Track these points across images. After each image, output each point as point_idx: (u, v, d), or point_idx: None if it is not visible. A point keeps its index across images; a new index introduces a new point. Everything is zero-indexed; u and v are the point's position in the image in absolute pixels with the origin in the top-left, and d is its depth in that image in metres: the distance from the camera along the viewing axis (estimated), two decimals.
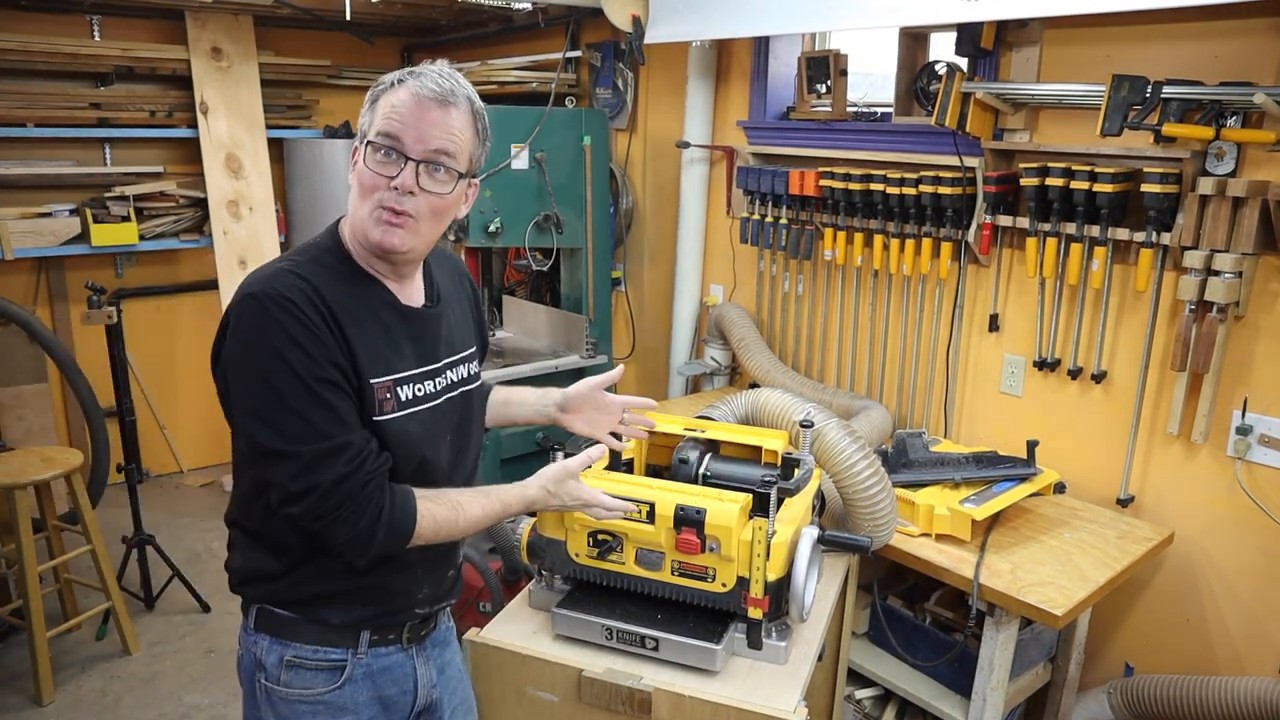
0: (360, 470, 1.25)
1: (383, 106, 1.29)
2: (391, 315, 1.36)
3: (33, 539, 2.85)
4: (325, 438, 1.23)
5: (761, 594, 1.48)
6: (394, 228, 1.29)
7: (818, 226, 2.99)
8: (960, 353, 2.75)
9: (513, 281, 4.19)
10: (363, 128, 1.31)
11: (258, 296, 1.24)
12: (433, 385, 1.41)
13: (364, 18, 4.25)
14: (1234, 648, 2.25)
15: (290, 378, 1.22)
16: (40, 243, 3.93)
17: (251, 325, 1.24)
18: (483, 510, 1.38)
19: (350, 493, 1.24)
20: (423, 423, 1.38)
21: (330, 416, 1.24)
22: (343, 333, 1.27)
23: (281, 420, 1.23)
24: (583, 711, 1.53)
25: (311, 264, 1.31)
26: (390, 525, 1.28)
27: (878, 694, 2.45)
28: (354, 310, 1.30)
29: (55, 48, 3.85)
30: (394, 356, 1.35)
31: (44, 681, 2.89)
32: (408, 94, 1.28)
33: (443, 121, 1.28)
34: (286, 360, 1.22)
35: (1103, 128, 2.09)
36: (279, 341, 1.22)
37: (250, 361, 1.24)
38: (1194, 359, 2.12)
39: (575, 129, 3.36)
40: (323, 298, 1.26)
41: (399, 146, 1.26)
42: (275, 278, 1.27)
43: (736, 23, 2.90)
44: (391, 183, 1.27)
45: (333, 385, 1.25)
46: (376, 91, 1.32)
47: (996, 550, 2.11)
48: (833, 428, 1.88)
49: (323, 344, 1.24)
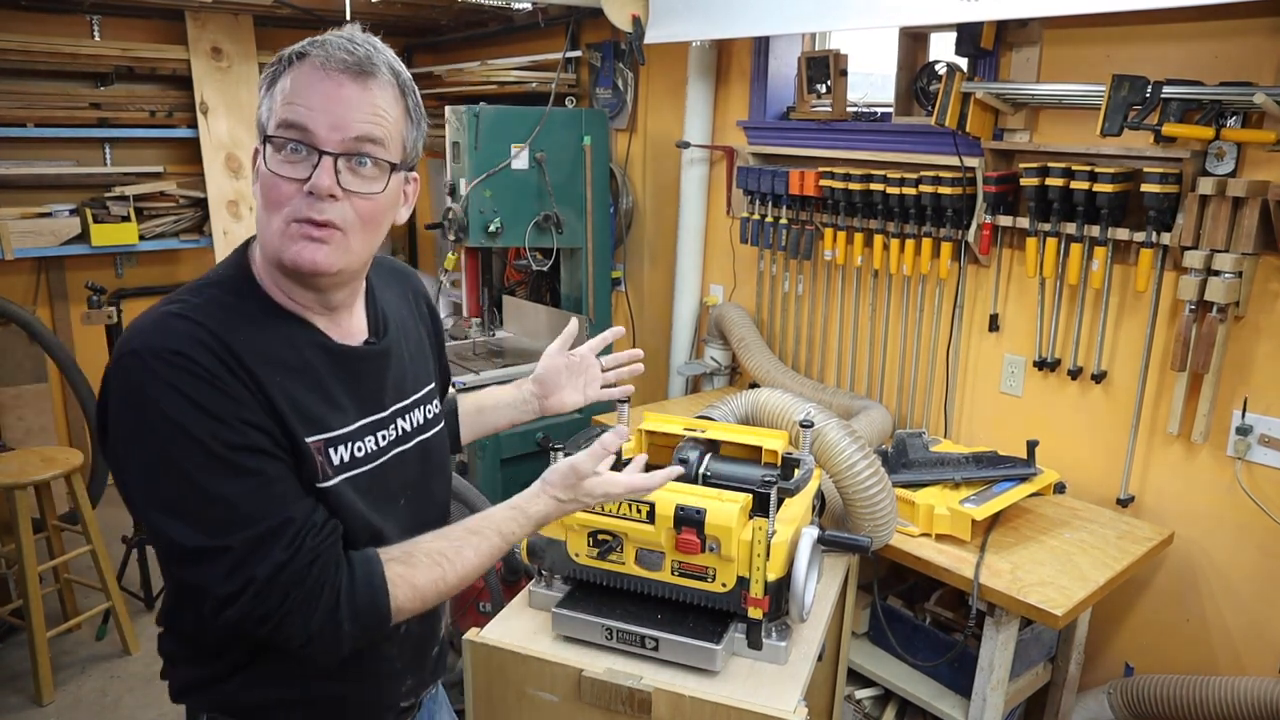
0: (301, 550, 0.98)
1: (282, 89, 1.01)
2: (321, 359, 1.08)
3: (33, 539, 2.85)
4: (255, 521, 0.97)
5: (761, 594, 1.48)
6: (314, 243, 1.01)
7: (818, 226, 2.99)
8: (960, 353, 2.75)
9: (513, 281, 4.19)
10: (260, 120, 1.03)
11: (139, 354, 0.96)
12: (377, 440, 1.14)
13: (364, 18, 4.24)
14: (1234, 648, 2.25)
15: (197, 452, 0.94)
16: (40, 243, 3.93)
17: (136, 391, 0.95)
18: (477, 553, 1.10)
19: (294, 579, 0.97)
20: (363, 488, 1.11)
21: (258, 493, 0.97)
22: (258, 385, 0.99)
23: (195, 509, 0.95)
24: (583, 711, 1.53)
25: (208, 305, 1.02)
26: (355, 607, 1.00)
27: (878, 694, 2.45)
28: (270, 357, 1.02)
29: (55, 48, 3.85)
30: (327, 412, 1.07)
31: (44, 681, 2.89)
32: (311, 69, 1.00)
33: (362, 100, 1.00)
34: (188, 430, 0.94)
35: (1103, 128, 2.09)
36: (174, 407, 0.94)
37: (142, 437, 0.96)
38: (1194, 359, 2.12)
39: (575, 129, 3.36)
40: (224, 344, 0.98)
41: (308, 139, 0.99)
42: (158, 328, 0.99)
43: (736, 23, 2.90)
44: (305, 186, 0.99)
45: (254, 451, 0.98)
46: (271, 70, 1.03)
47: (996, 550, 2.11)
48: (833, 428, 1.88)
49: (232, 400, 0.97)
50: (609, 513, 1.52)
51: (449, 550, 1.08)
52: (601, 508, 1.51)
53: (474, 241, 3.22)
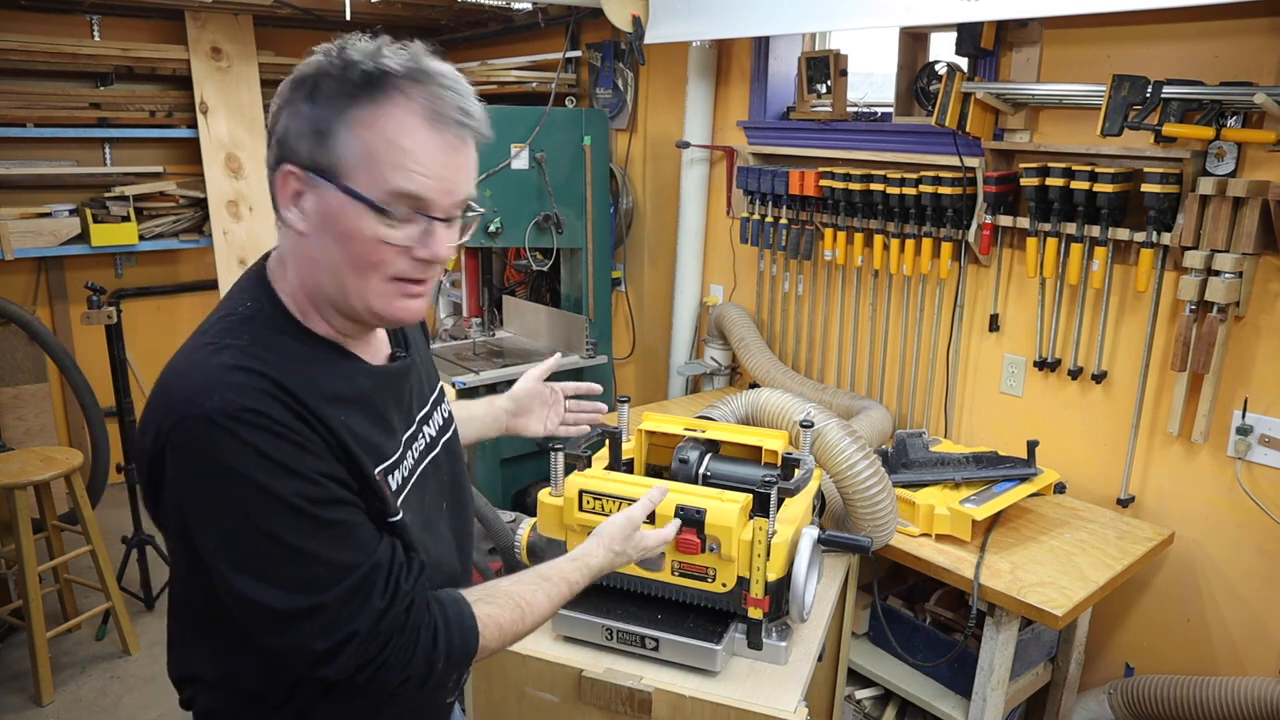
0: (398, 595, 0.97)
1: (380, 144, 0.90)
2: (368, 385, 1.04)
3: (33, 539, 2.85)
4: (347, 573, 0.94)
5: (761, 594, 1.48)
6: (415, 299, 0.99)
7: (818, 226, 2.99)
8: (960, 353, 2.74)
9: (513, 281, 4.19)
10: (339, 157, 0.91)
11: (210, 419, 0.88)
12: (414, 454, 1.12)
13: (364, 18, 4.25)
14: (1234, 648, 2.25)
15: (282, 512, 0.90)
16: (40, 243, 3.93)
17: (212, 458, 0.89)
18: (549, 599, 1.13)
19: (395, 626, 0.96)
20: (413, 506, 1.08)
21: (345, 543, 0.94)
22: (329, 428, 0.95)
23: (285, 571, 0.91)
24: (583, 711, 1.53)
25: (255, 346, 0.95)
26: (450, 649, 1.00)
27: (878, 694, 2.45)
28: (329, 394, 0.97)
29: (55, 48, 3.85)
30: (385, 439, 1.04)
31: (44, 681, 2.89)
32: (420, 123, 0.91)
33: (469, 161, 0.96)
34: (271, 491, 0.89)
35: (1103, 128, 2.09)
36: (256, 471, 0.89)
37: (223, 506, 0.90)
38: (1194, 359, 2.12)
39: (575, 129, 3.36)
40: (289, 391, 0.92)
41: (423, 208, 0.94)
42: (220, 383, 0.91)
43: (736, 23, 2.90)
44: (416, 252, 0.95)
45: (335, 503, 0.94)
46: (338, 99, 0.90)
47: (996, 550, 2.11)
48: (833, 428, 1.88)
49: (310, 454, 0.93)
50: (609, 513, 1.52)
51: (527, 594, 1.10)
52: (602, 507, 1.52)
53: (474, 241, 3.21)
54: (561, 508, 1.58)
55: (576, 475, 1.59)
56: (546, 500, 1.61)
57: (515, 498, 3.33)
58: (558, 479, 1.61)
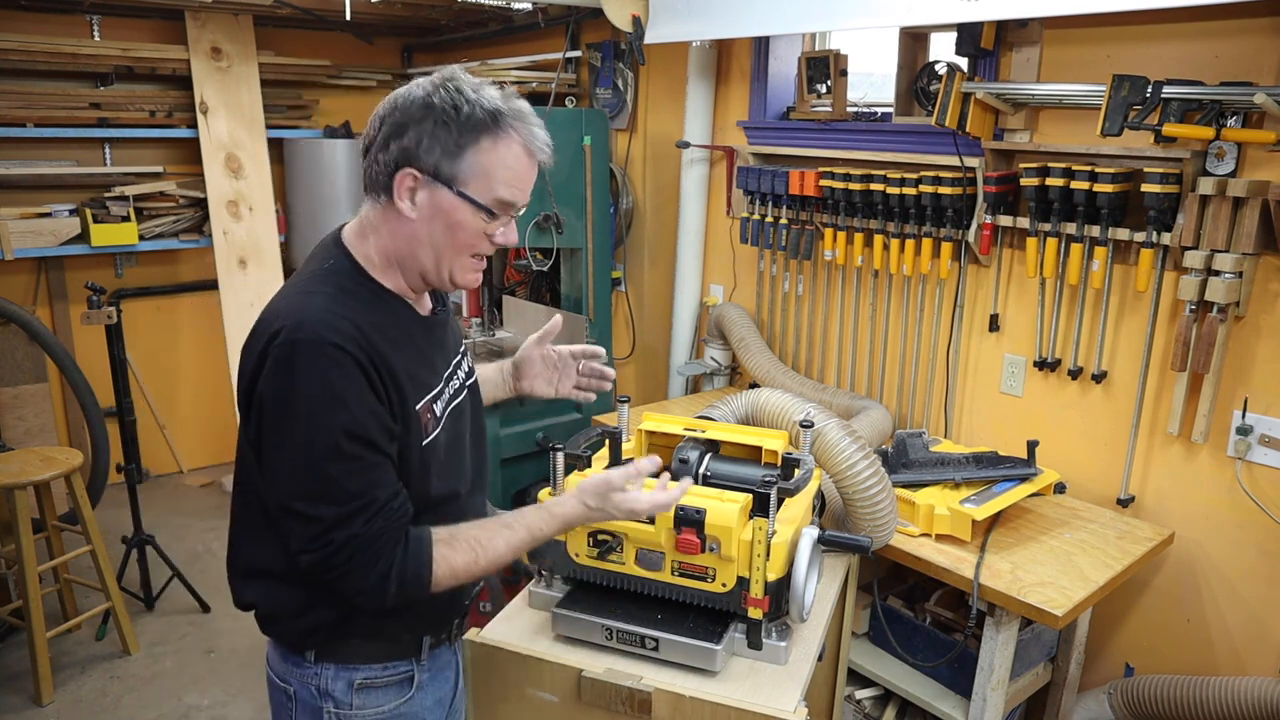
0: (373, 524, 1.20)
1: (495, 165, 1.23)
2: (419, 330, 1.34)
3: (33, 539, 2.85)
4: (346, 499, 1.18)
5: (761, 594, 1.48)
6: (478, 272, 1.32)
7: (818, 226, 2.99)
8: (960, 353, 2.74)
9: (513, 281, 4.19)
10: (441, 166, 1.21)
11: (305, 344, 1.16)
12: (451, 389, 1.40)
13: (364, 18, 4.25)
14: (1234, 648, 2.25)
15: (332, 438, 1.16)
16: (40, 243, 3.93)
17: (297, 374, 1.16)
18: (507, 544, 1.30)
19: (362, 546, 1.19)
20: (450, 430, 1.36)
21: (364, 478, 1.20)
22: (390, 369, 1.22)
23: (313, 482, 1.18)
24: (583, 711, 1.53)
25: (343, 294, 1.24)
26: (403, 579, 1.22)
27: (878, 694, 2.45)
28: (392, 336, 1.25)
29: (55, 48, 3.85)
30: (429, 375, 1.33)
31: (44, 681, 2.90)
32: (523, 153, 1.25)
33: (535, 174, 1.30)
34: (332, 420, 1.16)
35: (1103, 128, 2.09)
36: (326, 398, 1.16)
37: (291, 414, 1.17)
38: (1194, 359, 2.12)
39: (575, 129, 3.36)
40: (367, 337, 1.20)
41: (513, 212, 1.28)
42: (319, 318, 1.18)
43: (736, 23, 2.90)
44: (493, 239, 1.28)
45: (372, 445, 1.20)
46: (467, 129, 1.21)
47: (997, 550, 2.11)
48: (833, 428, 1.88)
49: (371, 396, 1.19)
50: None
51: (484, 538, 1.29)
52: None
53: None
54: None
55: (576, 475, 1.59)
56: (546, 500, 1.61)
57: (515, 498, 3.33)
58: (558, 479, 1.61)
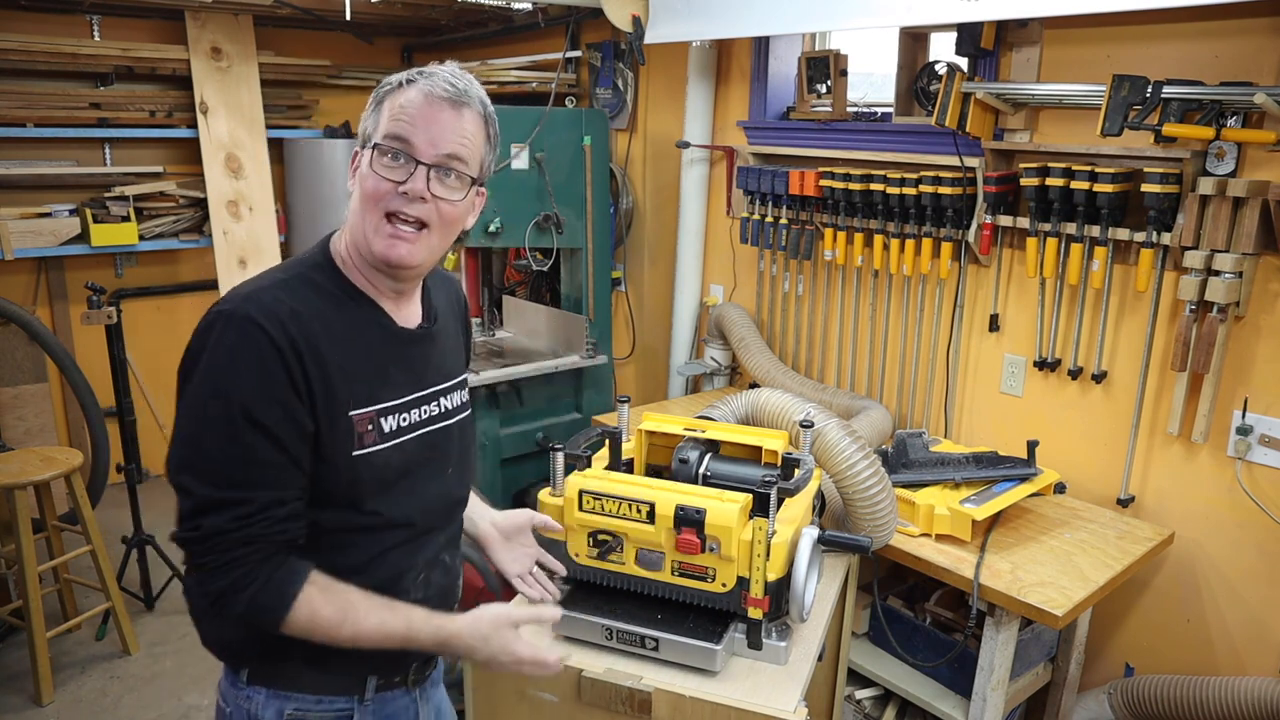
0: (247, 528, 1.12)
1: (389, 107, 1.20)
2: (383, 339, 1.27)
3: (33, 539, 2.85)
4: (222, 485, 1.12)
5: (761, 594, 1.48)
6: (401, 240, 1.20)
7: (818, 226, 2.99)
8: (960, 353, 2.74)
9: (513, 281, 4.19)
10: (365, 130, 1.23)
11: (227, 316, 1.13)
12: (421, 413, 1.31)
13: (364, 18, 4.25)
14: (1234, 648, 2.25)
15: (225, 412, 1.11)
16: (40, 243, 3.93)
17: (208, 345, 1.13)
18: (379, 625, 1.17)
19: (227, 546, 1.12)
20: (410, 453, 1.28)
21: (248, 469, 1.13)
22: (321, 363, 1.16)
23: (195, 455, 1.13)
24: (583, 712, 1.53)
25: (298, 281, 1.21)
26: (253, 603, 1.13)
27: (878, 694, 2.45)
28: (341, 334, 1.21)
29: (55, 48, 3.85)
30: (381, 385, 1.25)
31: (44, 681, 2.89)
32: (418, 94, 1.19)
33: (455, 124, 1.20)
34: (226, 393, 1.11)
35: (1103, 128, 2.09)
36: (228, 370, 1.12)
37: (195, 381, 1.14)
38: (1194, 359, 2.12)
39: (575, 129, 3.36)
40: (303, 325, 1.16)
41: (409, 150, 1.18)
42: (255, 296, 1.16)
43: (736, 23, 2.90)
44: (400, 188, 1.18)
45: (267, 434, 1.13)
46: (381, 92, 1.23)
47: (996, 550, 2.11)
48: (833, 428, 1.88)
49: (285, 386, 1.13)
50: (609, 513, 1.52)
51: (361, 607, 1.18)
52: (602, 507, 1.52)
53: (474, 241, 3.21)
54: (561, 508, 1.58)
55: (576, 475, 1.59)
56: (547, 500, 1.61)
57: (515, 498, 3.33)
58: (558, 479, 1.61)
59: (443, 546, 1.39)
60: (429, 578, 1.35)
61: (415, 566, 1.32)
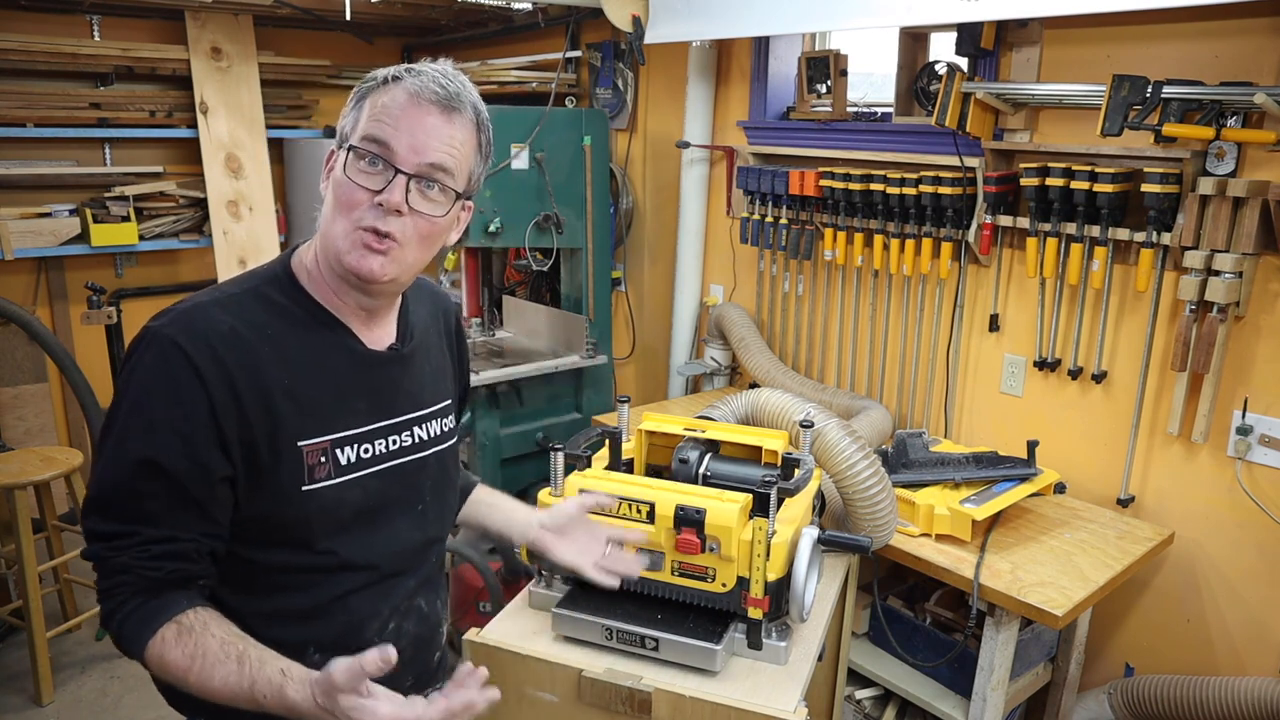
0: (118, 557, 1.06)
1: (371, 105, 1.08)
2: (344, 363, 1.15)
3: (33, 539, 2.85)
4: (110, 516, 1.06)
5: (761, 594, 1.48)
6: (374, 253, 1.07)
7: (818, 226, 2.99)
8: (960, 353, 2.74)
9: (513, 281, 4.19)
10: (343, 129, 1.10)
11: (153, 335, 1.05)
12: (388, 444, 1.19)
13: (364, 18, 4.25)
14: (1234, 648, 2.25)
15: (120, 445, 1.05)
16: (40, 243, 3.93)
17: (131, 369, 1.06)
18: (224, 679, 1.03)
19: (105, 573, 1.09)
20: (372, 488, 1.16)
21: (129, 502, 1.05)
22: (262, 389, 1.06)
23: (94, 479, 1.07)
24: (583, 711, 1.53)
25: (250, 296, 1.11)
26: (120, 633, 1.08)
27: (878, 694, 2.45)
28: (293, 357, 1.10)
29: (55, 48, 3.84)
30: (337, 413, 1.13)
31: (44, 681, 2.89)
32: (403, 94, 1.07)
33: (443, 130, 1.08)
34: (125, 428, 1.04)
35: (1103, 128, 2.09)
36: (137, 399, 1.04)
37: (113, 401, 1.07)
38: (1194, 359, 2.12)
39: (575, 129, 3.36)
40: (242, 346, 1.06)
41: (388, 155, 1.06)
42: (190, 313, 1.07)
43: (736, 23, 2.90)
44: (376, 198, 1.06)
45: (160, 473, 1.03)
46: (364, 88, 1.10)
47: (996, 550, 2.11)
48: (833, 428, 1.88)
49: (185, 414, 1.03)
50: (609, 513, 1.52)
51: (212, 657, 1.04)
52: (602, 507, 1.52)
53: (474, 241, 3.21)
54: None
55: (576, 475, 1.59)
56: (546, 500, 1.61)
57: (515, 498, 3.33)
58: (558, 479, 1.61)
59: (414, 592, 1.26)
60: (400, 626, 1.23)
61: (380, 614, 1.21)
